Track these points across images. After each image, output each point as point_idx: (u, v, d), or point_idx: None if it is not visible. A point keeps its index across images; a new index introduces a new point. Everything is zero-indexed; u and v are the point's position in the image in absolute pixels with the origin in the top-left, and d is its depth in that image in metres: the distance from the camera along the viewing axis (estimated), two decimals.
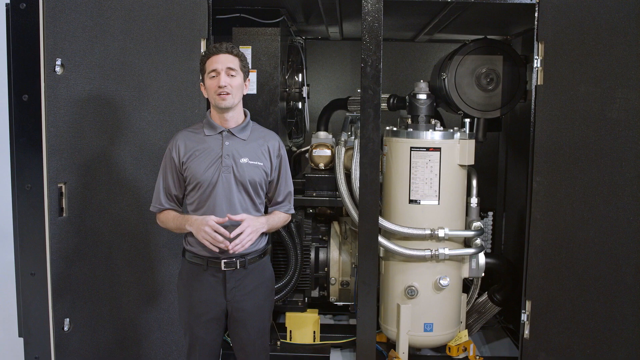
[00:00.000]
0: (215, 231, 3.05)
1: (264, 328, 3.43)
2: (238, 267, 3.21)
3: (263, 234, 3.29)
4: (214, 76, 3.13)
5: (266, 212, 3.43)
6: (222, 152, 3.18)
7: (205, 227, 3.05)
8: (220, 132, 3.22)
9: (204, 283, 3.24)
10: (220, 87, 3.10)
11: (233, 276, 3.22)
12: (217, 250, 3.09)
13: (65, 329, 3.88)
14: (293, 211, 3.48)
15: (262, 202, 3.33)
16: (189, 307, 3.29)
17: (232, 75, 3.13)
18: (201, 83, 3.25)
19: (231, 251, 3.08)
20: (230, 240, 3.07)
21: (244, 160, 3.20)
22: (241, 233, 3.08)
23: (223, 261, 3.18)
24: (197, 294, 3.26)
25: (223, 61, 3.12)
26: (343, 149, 4.51)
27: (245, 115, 3.32)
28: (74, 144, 3.78)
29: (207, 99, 3.25)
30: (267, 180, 3.30)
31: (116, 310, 3.96)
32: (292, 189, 3.45)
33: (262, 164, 3.25)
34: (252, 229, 3.11)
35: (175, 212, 3.29)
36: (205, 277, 3.23)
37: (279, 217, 3.39)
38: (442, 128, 4.26)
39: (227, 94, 3.12)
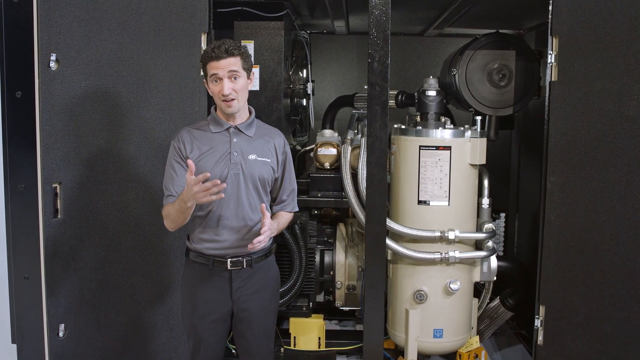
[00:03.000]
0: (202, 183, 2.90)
1: (269, 330, 3.46)
2: (245, 266, 3.25)
3: None
4: (216, 81, 3.12)
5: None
6: (230, 148, 3.21)
7: (194, 187, 2.86)
8: (227, 129, 3.24)
9: (209, 283, 3.27)
10: (224, 95, 3.10)
11: (239, 275, 3.26)
12: (222, 195, 3.02)
13: (60, 335, 3.88)
14: (297, 209, 3.53)
15: (268, 199, 3.38)
16: (193, 308, 3.31)
17: (235, 78, 3.12)
18: (204, 81, 3.24)
19: (252, 248, 3.10)
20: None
21: (252, 156, 3.23)
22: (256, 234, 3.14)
23: (229, 260, 3.22)
24: (202, 295, 3.28)
25: (224, 66, 3.09)
26: (349, 148, 4.51)
27: (250, 112, 3.34)
28: (69, 143, 3.79)
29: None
30: (273, 177, 3.35)
31: (113, 315, 3.96)
32: (295, 186, 3.50)
33: (269, 160, 3.29)
34: (270, 232, 3.16)
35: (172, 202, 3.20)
36: (210, 277, 3.26)
37: (285, 219, 3.45)
38: (452, 126, 4.25)
39: (233, 99, 3.13)
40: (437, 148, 4.12)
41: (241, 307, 3.30)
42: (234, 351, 4.31)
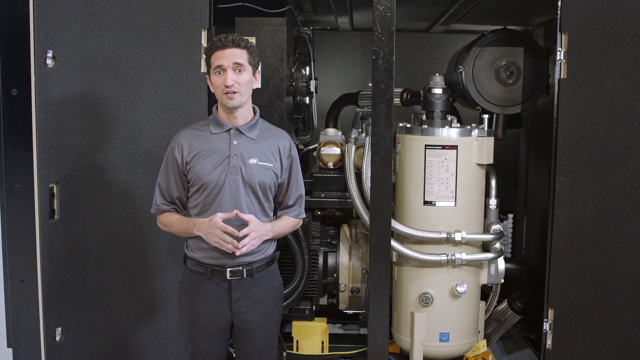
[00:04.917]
0: (225, 232, 3.04)
1: (272, 340, 3.41)
2: (245, 276, 3.19)
3: (270, 240, 3.29)
4: (220, 72, 3.09)
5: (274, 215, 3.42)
6: (229, 151, 3.15)
7: (215, 230, 3.04)
8: (228, 130, 3.19)
9: (208, 293, 3.21)
10: (226, 86, 3.06)
11: (239, 286, 3.20)
12: (230, 252, 3.08)
13: (57, 339, 3.88)
14: (304, 215, 3.47)
15: (271, 206, 3.31)
16: (191, 319, 3.26)
17: (239, 71, 3.09)
18: (207, 76, 3.22)
19: (237, 254, 3.07)
20: (238, 240, 3.06)
21: (253, 161, 3.16)
22: (247, 235, 3.07)
23: (228, 270, 3.16)
24: (200, 305, 3.23)
25: (229, 56, 3.06)
26: (353, 147, 4.50)
27: (255, 112, 3.29)
28: (66, 142, 3.79)
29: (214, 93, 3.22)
30: (276, 182, 3.27)
31: (111, 319, 3.96)
32: (303, 192, 3.43)
33: (272, 165, 3.21)
34: (256, 234, 3.10)
35: (179, 215, 3.26)
36: (208, 287, 3.21)
37: (287, 223, 3.37)
38: (458, 125, 4.25)
39: (235, 92, 3.08)
40: (444, 147, 4.11)
41: (241, 318, 3.24)
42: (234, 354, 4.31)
